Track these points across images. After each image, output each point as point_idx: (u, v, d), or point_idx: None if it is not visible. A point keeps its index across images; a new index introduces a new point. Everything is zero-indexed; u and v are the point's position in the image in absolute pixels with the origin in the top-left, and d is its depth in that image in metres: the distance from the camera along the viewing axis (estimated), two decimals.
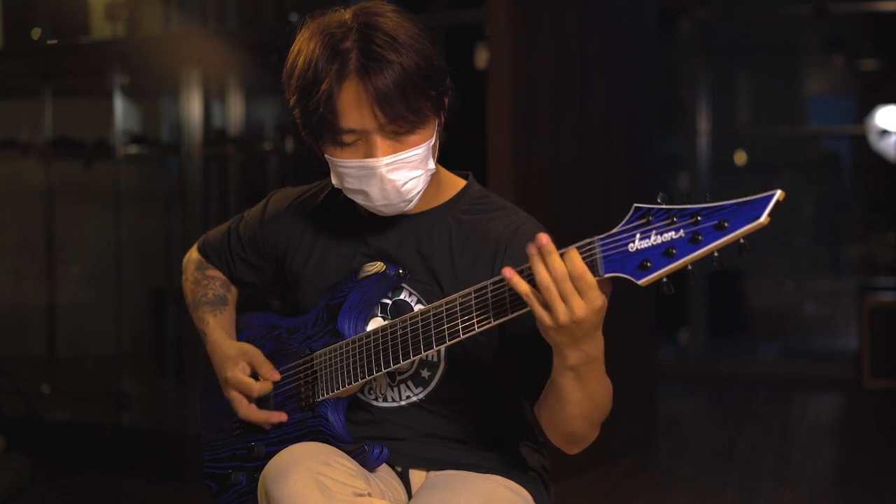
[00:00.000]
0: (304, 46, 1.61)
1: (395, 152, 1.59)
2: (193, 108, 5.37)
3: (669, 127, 7.49)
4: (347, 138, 1.60)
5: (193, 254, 2.00)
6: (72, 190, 5.84)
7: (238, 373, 1.78)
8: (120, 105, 5.18)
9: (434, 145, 1.65)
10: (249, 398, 1.78)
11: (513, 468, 1.73)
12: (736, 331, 7.28)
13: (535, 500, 1.73)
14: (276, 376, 1.76)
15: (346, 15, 1.61)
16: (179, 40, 5.45)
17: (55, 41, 5.52)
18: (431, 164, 1.65)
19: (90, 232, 5.97)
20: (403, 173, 1.61)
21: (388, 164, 1.59)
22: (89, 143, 5.64)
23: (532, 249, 1.40)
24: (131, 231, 5.49)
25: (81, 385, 5.61)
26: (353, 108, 1.57)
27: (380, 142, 1.59)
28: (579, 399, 1.51)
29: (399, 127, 1.58)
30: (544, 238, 1.39)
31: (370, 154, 1.60)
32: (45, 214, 5.74)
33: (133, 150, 5.65)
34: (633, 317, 4.44)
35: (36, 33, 5.58)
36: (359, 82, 1.56)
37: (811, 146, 8.15)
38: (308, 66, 1.59)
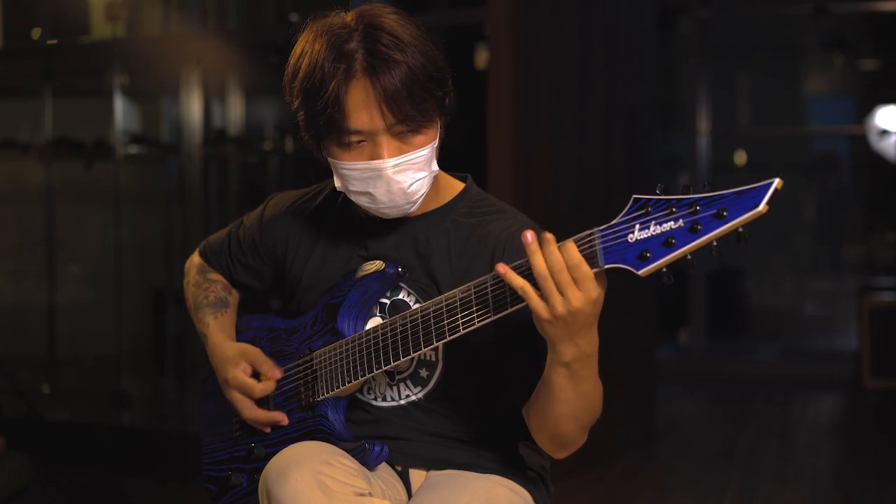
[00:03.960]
0: (307, 48, 1.61)
1: (401, 153, 1.60)
2: (193, 108, 5.37)
3: (669, 127, 7.49)
4: (354, 139, 1.60)
5: (195, 258, 2.01)
6: (72, 190, 5.84)
7: (239, 373, 1.78)
8: (120, 105, 5.17)
9: (437, 147, 1.66)
10: (251, 399, 1.78)
11: (513, 468, 1.74)
12: (736, 331, 7.27)
13: (534, 500, 1.73)
14: (278, 374, 1.76)
15: (348, 17, 1.62)
16: (179, 40, 5.45)
17: (55, 41, 5.52)
18: (435, 166, 1.66)
19: (90, 232, 5.97)
20: (409, 175, 1.61)
21: (394, 166, 1.60)
22: (89, 143, 5.64)
23: (528, 239, 1.41)
24: (131, 231, 5.49)
25: (81, 385, 5.61)
26: (362, 108, 1.57)
27: (386, 143, 1.59)
28: (570, 398, 1.51)
29: (406, 127, 1.59)
30: (530, 234, 1.41)
31: (376, 155, 1.60)
32: (45, 214, 5.74)
33: (133, 150, 5.64)
34: (632, 316, 4.44)
35: (36, 33, 5.58)
36: (367, 82, 1.56)
37: (808, 147, 8.15)
38: (313, 67, 1.58)
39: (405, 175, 1.61)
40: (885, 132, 7.13)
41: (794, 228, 7.92)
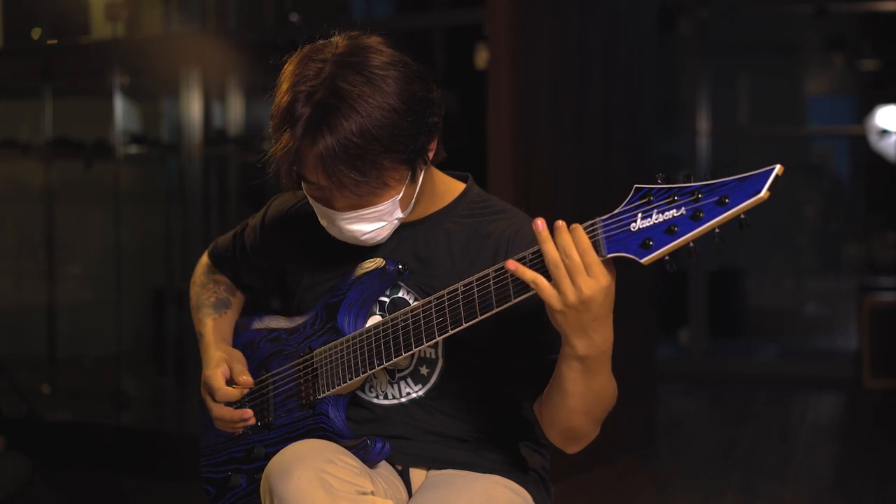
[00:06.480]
0: (283, 82, 1.58)
1: (354, 209, 1.59)
2: (193, 108, 5.37)
3: (669, 127, 7.49)
4: (310, 185, 1.59)
5: (204, 259, 2.03)
6: (72, 190, 5.84)
7: (214, 373, 1.79)
8: (120, 105, 5.17)
9: (404, 197, 1.61)
10: (214, 400, 1.79)
11: (513, 468, 1.74)
12: (736, 331, 7.27)
13: (534, 500, 1.73)
14: (249, 382, 1.77)
15: (341, 46, 1.57)
16: (179, 40, 5.45)
17: (55, 41, 5.52)
18: (399, 213, 1.63)
19: (90, 232, 5.97)
20: (364, 225, 1.61)
21: (346, 218, 1.60)
22: (89, 143, 5.64)
23: (539, 227, 1.40)
24: (131, 231, 5.49)
25: (81, 385, 5.61)
26: (308, 165, 1.56)
27: (338, 196, 1.58)
28: (582, 391, 1.50)
29: (351, 190, 1.55)
30: (541, 222, 1.40)
31: (329, 204, 1.60)
32: (45, 214, 5.74)
33: (133, 150, 5.65)
34: (633, 316, 4.44)
35: (36, 33, 5.58)
36: (309, 143, 1.53)
37: (805, 148, 8.14)
38: (278, 109, 1.57)
39: (359, 225, 1.61)
40: (884, 132, 7.13)
41: (794, 228, 7.92)
